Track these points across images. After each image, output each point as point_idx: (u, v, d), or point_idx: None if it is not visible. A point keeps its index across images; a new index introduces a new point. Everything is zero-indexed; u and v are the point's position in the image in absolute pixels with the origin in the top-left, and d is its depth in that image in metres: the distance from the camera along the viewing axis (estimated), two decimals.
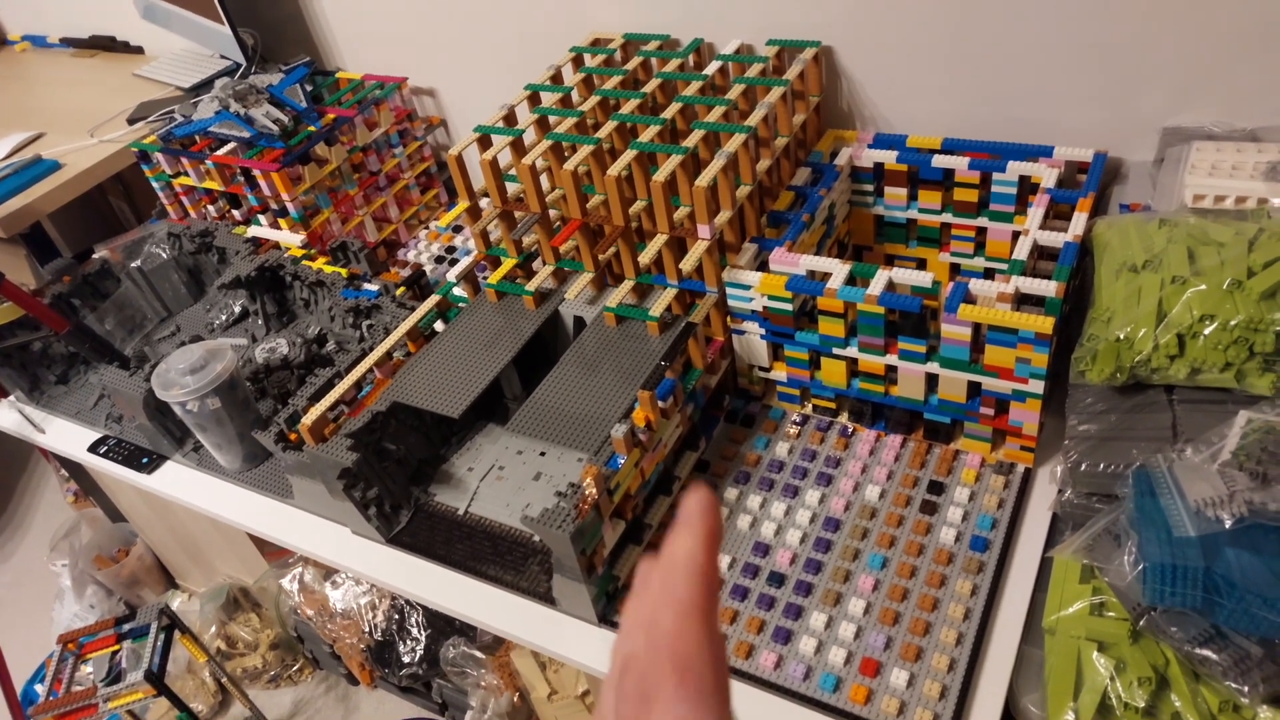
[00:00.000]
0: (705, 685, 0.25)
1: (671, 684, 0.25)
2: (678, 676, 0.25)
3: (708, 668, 0.25)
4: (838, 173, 1.00)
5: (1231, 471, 0.66)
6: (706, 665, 0.25)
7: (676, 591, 0.26)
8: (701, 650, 0.26)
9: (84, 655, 1.34)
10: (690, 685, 0.25)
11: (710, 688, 0.25)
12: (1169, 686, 0.66)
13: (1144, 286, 0.76)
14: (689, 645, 0.26)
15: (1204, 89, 0.93)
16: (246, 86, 1.30)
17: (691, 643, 0.26)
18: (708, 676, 0.25)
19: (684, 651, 0.25)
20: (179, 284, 1.37)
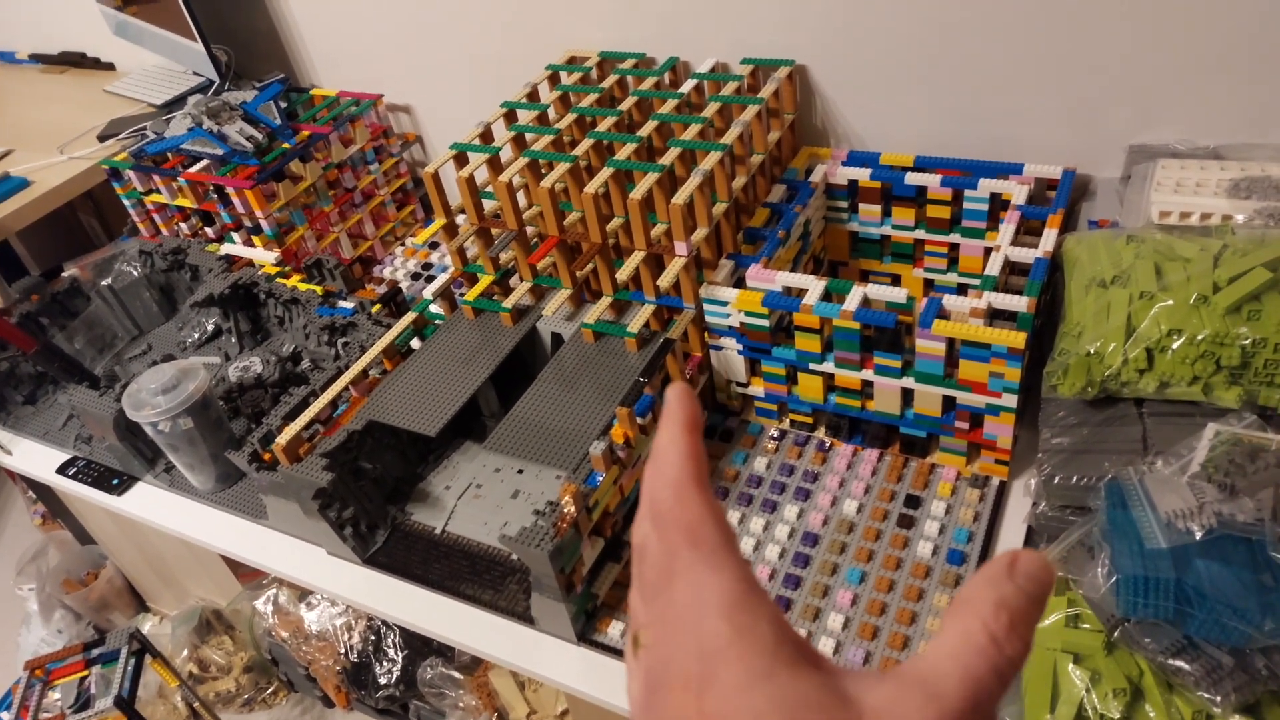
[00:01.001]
0: (716, 543, 0.27)
1: (685, 550, 0.27)
2: (689, 541, 0.27)
3: (713, 528, 0.27)
4: (813, 190, 1.01)
5: (1201, 483, 0.67)
6: (711, 526, 0.27)
7: (668, 471, 0.28)
8: (704, 515, 0.27)
9: (51, 682, 1.31)
10: (703, 546, 0.27)
11: (721, 544, 0.27)
12: (1143, 697, 0.67)
13: (1113, 301, 0.77)
14: (691, 513, 0.27)
15: (1168, 108, 0.95)
16: (220, 103, 1.29)
17: (693, 510, 0.27)
18: (716, 536, 0.27)
19: (687, 519, 0.27)
20: (150, 302, 1.35)
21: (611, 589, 0.87)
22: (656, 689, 0.26)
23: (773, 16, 1.08)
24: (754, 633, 0.25)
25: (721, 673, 0.24)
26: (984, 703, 0.23)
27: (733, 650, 0.24)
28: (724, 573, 0.26)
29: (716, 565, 0.26)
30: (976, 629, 0.24)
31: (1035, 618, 0.24)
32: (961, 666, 0.23)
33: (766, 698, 0.24)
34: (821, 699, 0.24)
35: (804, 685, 0.24)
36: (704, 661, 0.25)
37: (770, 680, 0.24)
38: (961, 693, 0.23)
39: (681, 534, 0.27)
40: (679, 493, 0.27)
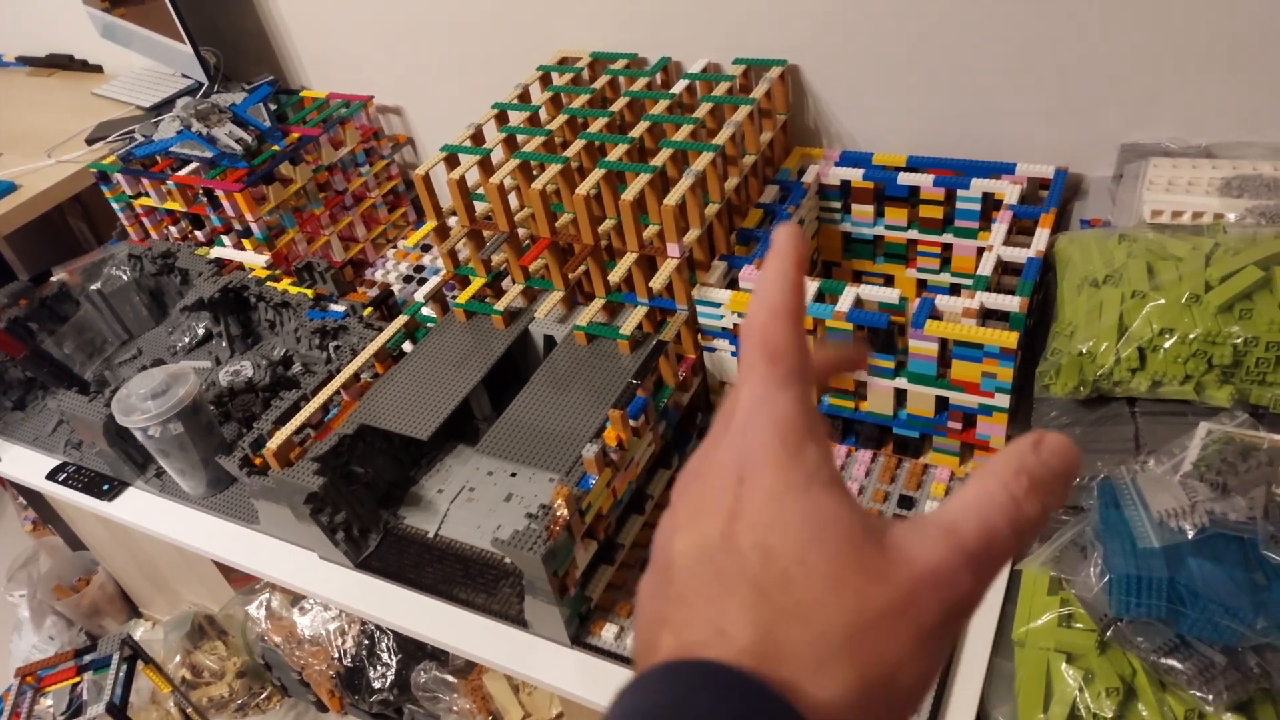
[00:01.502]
0: (791, 367, 0.27)
1: (762, 365, 0.28)
2: (768, 358, 0.28)
3: (795, 354, 0.28)
4: (805, 190, 1.01)
5: (1193, 482, 0.67)
6: (794, 352, 0.28)
7: (769, 296, 0.29)
8: (790, 340, 0.28)
9: (43, 688, 1.30)
10: (779, 365, 0.27)
11: (796, 370, 0.28)
12: (1136, 696, 0.67)
13: (1105, 301, 0.77)
14: (779, 335, 0.28)
15: (1160, 106, 0.95)
16: (209, 105, 1.28)
17: (781, 333, 0.28)
18: (794, 361, 0.28)
19: (775, 339, 0.28)
20: (140, 306, 1.35)
21: (605, 591, 0.86)
22: (697, 475, 0.28)
23: (765, 16, 1.08)
24: (801, 451, 0.26)
25: (761, 477, 0.26)
26: (997, 551, 0.25)
27: (776, 461, 0.26)
28: (789, 392, 0.27)
29: (785, 384, 0.27)
30: (996, 488, 0.25)
31: (1056, 490, 0.26)
32: (979, 515, 0.25)
33: (796, 510, 0.25)
34: (849, 520, 0.25)
35: (833, 505, 0.25)
36: (746, 465, 0.26)
37: (804, 495, 0.25)
38: (978, 536, 0.25)
39: (763, 351, 0.28)
40: (774, 316, 0.28)
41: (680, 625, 0.25)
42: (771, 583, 0.24)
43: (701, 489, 0.27)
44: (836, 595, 0.24)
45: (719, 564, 0.25)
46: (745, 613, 0.24)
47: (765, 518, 0.25)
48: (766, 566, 0.24)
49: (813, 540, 0.25)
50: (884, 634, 0.24)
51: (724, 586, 0.25)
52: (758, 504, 0.26)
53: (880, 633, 0.24)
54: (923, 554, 0.25)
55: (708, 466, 0.28)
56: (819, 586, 0.24)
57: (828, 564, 0.24)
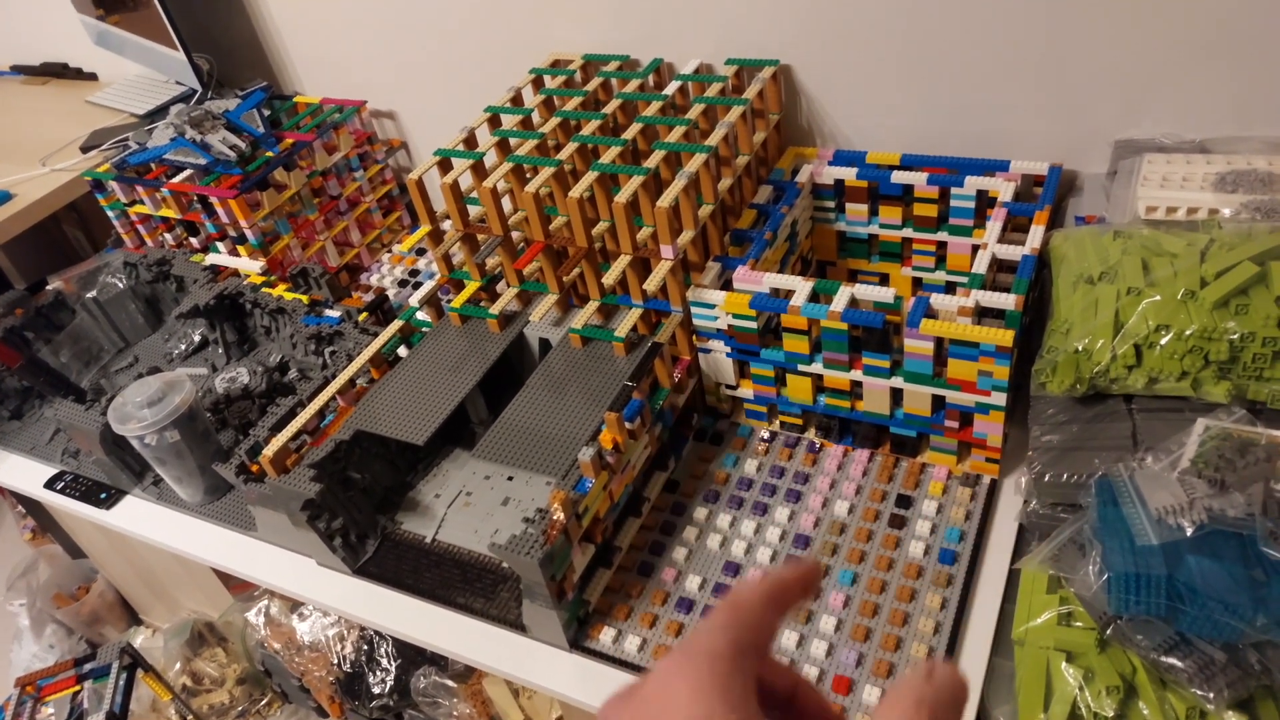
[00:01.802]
0: (747, 619, 0.28)
1: (724, 609, 0.29)
2: (730, 605, 0.29)
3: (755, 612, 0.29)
4: (799, 190, 1.01)
5: (1191, 479, 0.67)
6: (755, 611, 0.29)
7: (761, 580, 0.30)
8: (757, 601, 0.29)
9: (43, 698, 1.30)
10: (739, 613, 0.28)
11: (749, 621, 0.28)
12: (1137, 694, 0.67)
13: (1100, 298, 0.77)
14: (750, 594, 0.29)
15: (1153, 102, 0.95)
16: (202, 112, 1.28)
17: (754, 595, 0.29)
18: (751, 615, 0.28)
19: (743, 596, 0.29)
20: (136, 314, 1.34)
21: (603, 595, 0.86)
22: (619, 703, 0.29)
23: (757, 17, 1.07)
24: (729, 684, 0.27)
25: (684, 707, 0.26)
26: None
27: (702, 690, 0.26)
28: (731, 634, 0.28)
29: (730, 628, 0.28)
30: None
31: (952, 717, 0.27)
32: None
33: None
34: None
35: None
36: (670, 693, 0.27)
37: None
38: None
39: (730, 602, 0.29)
40: (756, 587, 0.29)
41: None
42: None
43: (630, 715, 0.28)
44: None
45: None
46: None
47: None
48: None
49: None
50: None
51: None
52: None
53: None
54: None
55: (639, 693, 0.28)
56: None
57: None
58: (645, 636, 0.82)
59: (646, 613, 0.84)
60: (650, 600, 0.85)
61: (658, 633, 0.82)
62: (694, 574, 0.86)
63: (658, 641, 0.82)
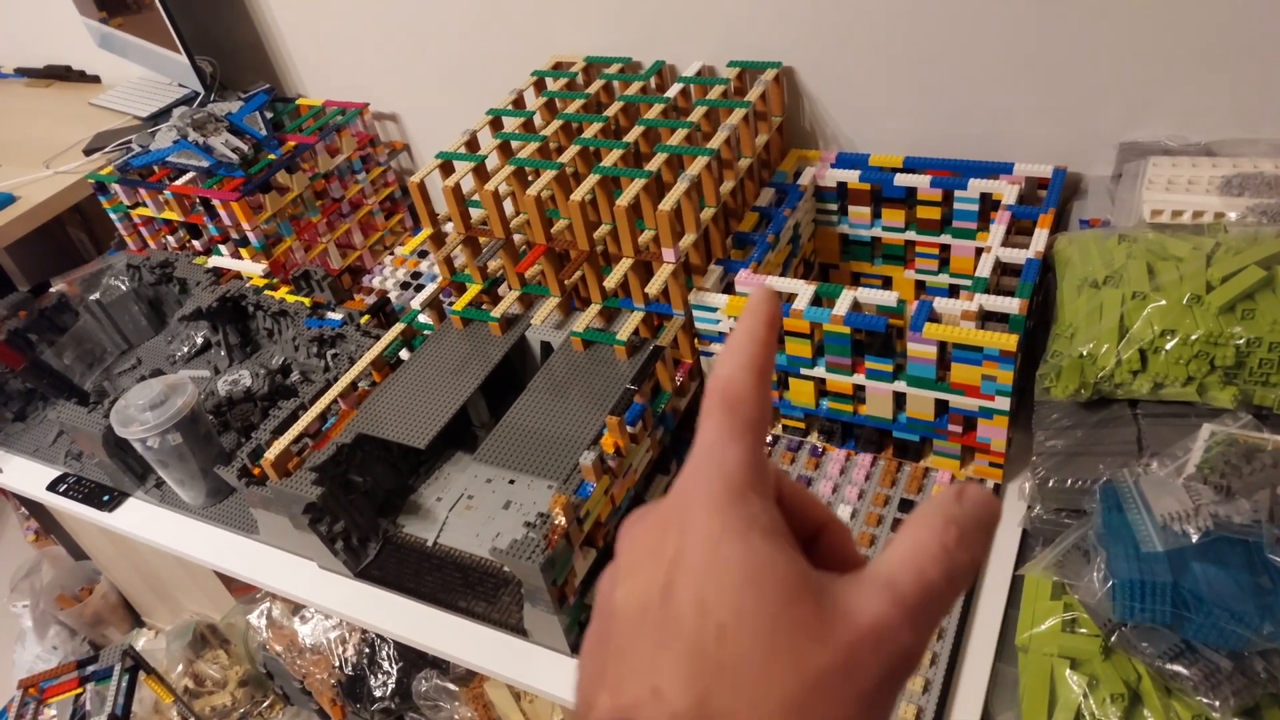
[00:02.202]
0: (748, 419, 0.27)
1: (718, 413, 0.27)
2: (725, 407, 0.27)
3: (753, 407, 0.28)
4: (802, 193, 1.01)
5: (1196, 485, 0.66)
6: (753, 405, 0.28)
7: (736, 351, 0.29)
8: (751, 394, 0.28)
9: (46, 700, 1.30)
10: (736, 416, 0.27)
11: (752, 422, 0.27)
12: (1141, 702, 0.66)
13: (1105, 302, 0.76)
14: (740, 388, 0.28)
15: (1159, 104, 0.94)
16: (205, 115, 1.28)
17: (743, 387, 0.28)
18: (752, 413, 0.27)
19: (735, 390, 0.28)
20: (139, 316, 1.34)
21: None
22: (641, 520, 0.28)
23: (759, 18, 1.07)
24: (743, 499, 0.26)
25: (700, 522, 0.26)
26: (935, 601, 0.25)
27: (717, 506, 0.26)
28: (740, 443, 0.27)
29: (738, 435, 0.27)
30: (928, 539, 0.25)
31: (982, 539, 0.26)
32: (915, 567, 0.25)
33: (734, 556, 0.25)
34: (787, 569, 0.25)
35: (773, 553, 0.25)
36: (687, 511, 0.26)
37: (742, 541, 0.25)
38: (915, 586, 0.25)
39: (723, 399, 0.28)
40: (739, 369, 0.28)
41: (616, 683, 0.25)
42: (708, 639, 0.24)
43: (644, 535, 0.27)
44: (775, 656, 0.23)
45: (656, 618, 0.25)
46: (681, 673, 0.24)
47: (703, 566, 0.25)
48: (703, 620, 0.24)
49: (749, 589, 0.24)
50: (824, 699, 0.23)
51: (661, 643, 0.25)
52: (696, 551, 0.25)
53: (820, 698, 0.23)
54: (862, 609, 0.24)
55: (651, 512, 0.27)
56: (757, 646, 0.24)
57: (766, 621, 0.24)
58: None
59: None
60: None
61: None
62: None
63: None
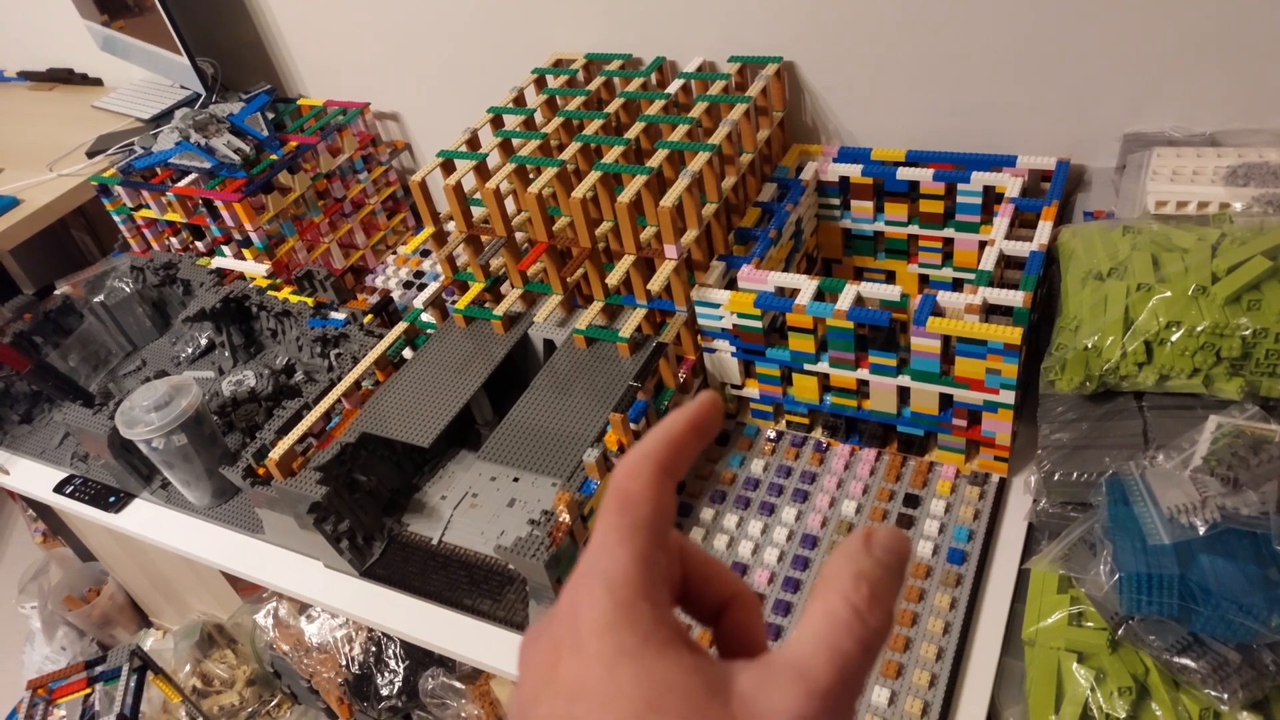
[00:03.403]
0: (640, 521, 0.26)
1: (611, 514, 0.26)
2: (618, 507, 0.26)
3: (648, 509, 0.26)
4: (804, 188, 1.00)
5: (1203, 477, 0.66)
6: (648, 506, 0.26)
7: (649, 445, 0.28)
8: (646, 494, 0.27)
9: (55, 700, 1.31)
10: (627, 517, 0.26)
11: (645, 524, 0.26)
12: (1149, 695, 0.66)
13: (1110, 294, 0.76)
14: (637, 486, 0.27)
15: (1162, 95, 0.94)
16: (207, 116, 1.28)
17: (640, 485, 0.27)
18: (645, 515, 0.26)
19: (630, 489, 0.27)
20: (143, 318, 1.35)
21: None
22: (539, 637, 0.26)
23: (759, 13, 1.07)
24: (633, 610, 0.24)
25: (591, 644, 0.24)
26: (851, 678, 0.23)
27: (608, 624, 0.24)
28: (628, 547, 0.26)
29: (627, 538, 0.26)
30: (839, 604, 0.24)
31: (895, 588, 0.25)
32: (828, 644, 0.23)
33: (630, 676, 0.23)
34: (689, 683, 0.23)
35: (672, 668, 0.23)
36: (579, 631, 0.25)
37: (636, 662, 0.23)
38: (829, 669, 0.23)
39: (617, 499, 0.27)
40: (639, 467, 0.27)
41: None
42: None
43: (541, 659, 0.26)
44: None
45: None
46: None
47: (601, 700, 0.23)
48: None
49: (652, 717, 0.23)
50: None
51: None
52: (593, 682, 0.24)
53: None
54: (775, 709, 0.23)
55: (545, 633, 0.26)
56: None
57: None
58: None
59: None
60: None
61: None
62: None
63: None
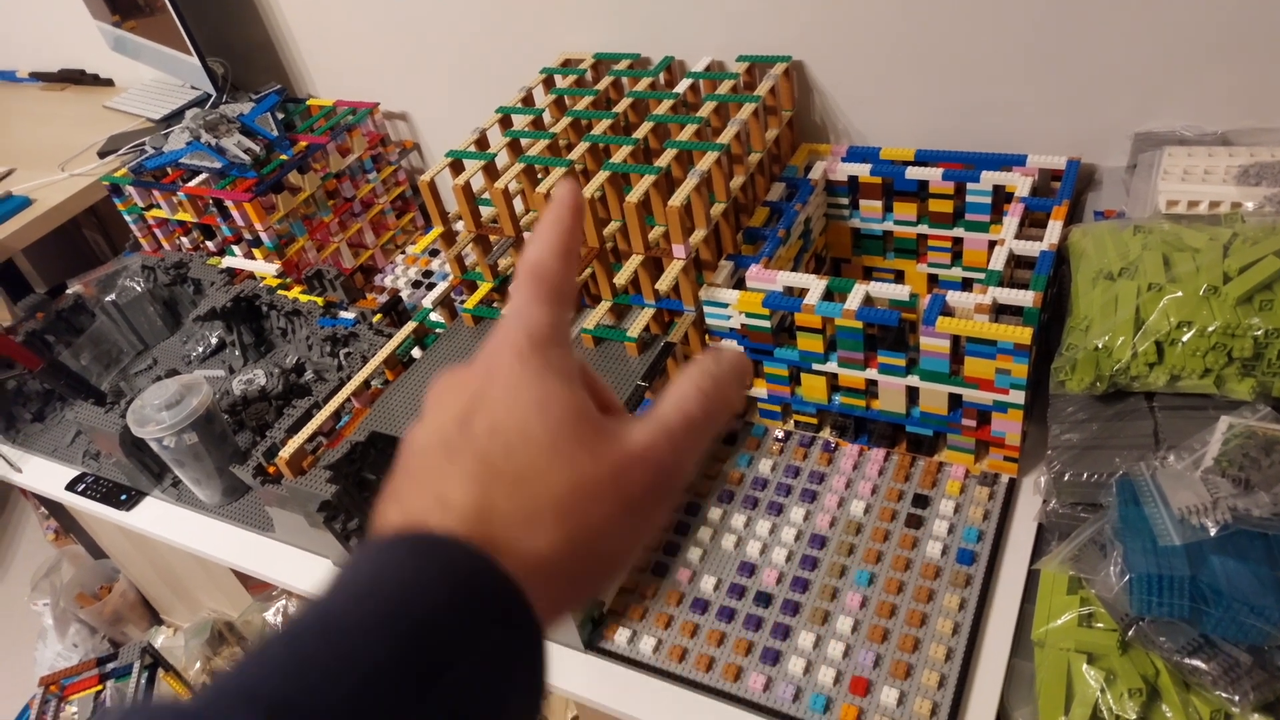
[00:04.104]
0: (552, 287, 0.31)
1: (525, 283, 0.31)
2: (532, 277, 0.31)
3: (558, 278, 0.31)
4: (812, 187, 1.00)
5: (1214, 478, 0.66)
6: (558, 276, 0.31)
7: (544, 236, 0.32)
8: (556, 267, 0.31)
9: (67, 697, 1.32)
10: (542, 285, 0.31)
11: (559, 293, 0.31)
12: (1160, 697, 0.66)
13: (1120, 294, 0.76)
14: (547, 264, 0.31)
15: (1173, 93, 0.93)
16: (217, 116, 1.29)
17: (551, 263, 0.31)
18: (556, 283, 0.31)
19: (542, 268, 0.31)
20: (154, 317, 1.35)
21: (617, 596, 0.86)
22: (446, 376, 0.31)
23: (768, 12, 1.07)
24: (545, 350, 0.29)
25: (502, 370, 0.29)
26: (694, 431, 0.30)
27: (520, 356, 0.29)
28: (546, 307, 0.30)
29: (544, 301, 0.30)
30: (688, 386, 0.31)
31: (733, 385, 0.32)
32: (678, 407, 0.30)
33: (529, 392, 0.28)
34: (574, 402, 0.29)
35: (565, 391, 0.29)
36: (492, 363, 0.29)
37: (538, 380, 0.29)
38: (679, 421, 0.30)
39: (529, 274, 0.31)
40: (544, 250, 0.31)
41: (407, 499, 0.28)
42: (496, 453, 0.27)
43: (449, 387, 0.30)
44: (553, 465, 0.27)
45: (451, 444, 0.28)
46: (466, 481, 0.27)
47: (500, 402, 0.28)
48: (492, 440, 0.27)
49: (536, 413, 0.28)
50: (592, 502, 0.27)
51: (451, 461, 0.27)
52: (496, 389, 0.29)
53: (589, 500, 0.27)
54: (633, 437, 0.29)
55: (460, 369, 0.31)
56: (538, 456, 0.27)
57: (549, 437, 0.27)
58: (660, 637, 0.82)
59: (661, 613, 0.84)
60: (665, 601, 0.85)
61: (673, 633, 0.82)
62: (709, 574, 0.86)
63: (673, 642, 0.81)
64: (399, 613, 0.24)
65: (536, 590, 0.26)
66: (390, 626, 0.24)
